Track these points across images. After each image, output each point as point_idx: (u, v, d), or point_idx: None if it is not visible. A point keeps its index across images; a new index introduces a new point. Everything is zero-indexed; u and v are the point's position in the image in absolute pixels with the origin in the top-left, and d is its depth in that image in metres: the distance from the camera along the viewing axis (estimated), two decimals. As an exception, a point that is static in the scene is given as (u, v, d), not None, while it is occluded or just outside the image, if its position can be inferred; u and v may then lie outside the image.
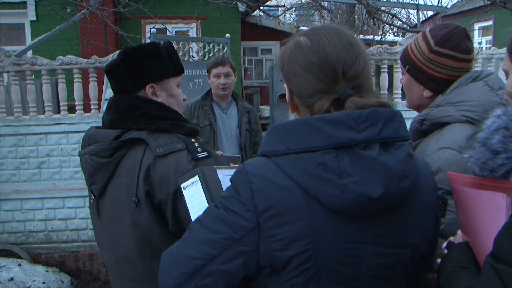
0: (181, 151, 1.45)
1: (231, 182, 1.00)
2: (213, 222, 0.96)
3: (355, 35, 1.06)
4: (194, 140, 1.50)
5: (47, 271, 5.20)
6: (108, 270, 1.69)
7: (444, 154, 1.37)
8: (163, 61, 1.57)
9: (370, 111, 0.93)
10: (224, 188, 1.18)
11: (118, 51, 1.84)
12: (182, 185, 1.25)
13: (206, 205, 1.16)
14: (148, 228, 1.46)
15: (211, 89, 3.53)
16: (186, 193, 1.24)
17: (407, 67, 1.56)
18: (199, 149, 1.47)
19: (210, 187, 1.20)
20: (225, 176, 1.24)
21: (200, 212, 1.04)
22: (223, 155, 2.93)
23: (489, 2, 6.25)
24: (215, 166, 1.30)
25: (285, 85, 1.09)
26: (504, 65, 1.22)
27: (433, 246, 1.07)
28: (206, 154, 1.47)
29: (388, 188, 0.90)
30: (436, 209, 1.07)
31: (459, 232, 1.12)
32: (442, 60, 1.48)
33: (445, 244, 1.13)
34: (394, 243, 0.97)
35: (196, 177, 1.22)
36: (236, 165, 1.45)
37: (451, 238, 1.14)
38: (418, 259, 1.01)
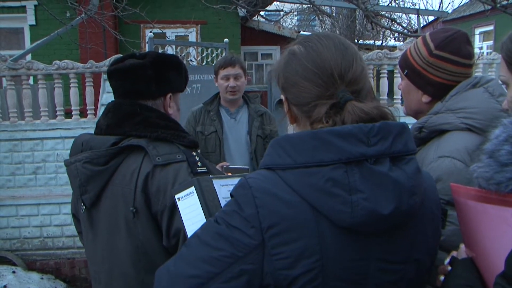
0: (181, 163, 1.41)
1: (232, 196, 0.95)
2: (214, 239, 0.91)
3: (349, 41, 1.05)
4: (194, 154, 1.46)
5: (42, 278, 5.14)
6: (93, 284, 1.62)
7: (444, 163, 1.33)
8: (182, 76, 1.61)
9: (381, 124, 0.90)
10: (220, 199, 1.13)
11: (117, 56, 1.81)
12: (176, 196, 1.17)
13: (203, 218, 1.09)
14: (145, 239, 1.41)
15: (218, 92, 3.19)
16: (181, 205, 1.16)
17: (406, 71, 1.54)
18: (199, 163, 1.43)
19: (207, 199, 1.12)
20: (220, 186, 1.17)
21: (197, 225, 0.99)
22: (229, 166, 2.72)
23: (489, 7, 6.21)
24: (210, 176, 1.23)
25: (282, 96, 1.06)
26: (502, 75, 1.16)
27: (434, 260, 1.05)
28: (205, 170, 1.43)
29: (399, 205, 0.88)
30: (439, 223, 1.04)
31: (462, 246, 1.05)
32: (442, 64, 1.45)
33: (447, 260, 1.06)
34: (399, 259, 0.94)
35: (192, 188, 1.14)
36: (230, 174, 1.39)
37: (454, 253, 1.07)
38: (422, 274, 1.00)
